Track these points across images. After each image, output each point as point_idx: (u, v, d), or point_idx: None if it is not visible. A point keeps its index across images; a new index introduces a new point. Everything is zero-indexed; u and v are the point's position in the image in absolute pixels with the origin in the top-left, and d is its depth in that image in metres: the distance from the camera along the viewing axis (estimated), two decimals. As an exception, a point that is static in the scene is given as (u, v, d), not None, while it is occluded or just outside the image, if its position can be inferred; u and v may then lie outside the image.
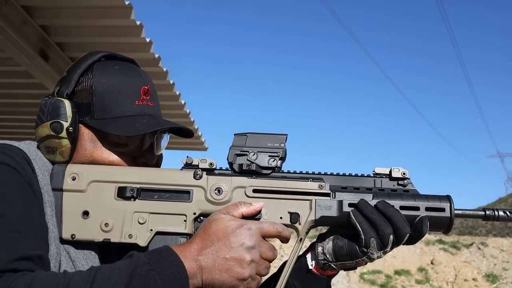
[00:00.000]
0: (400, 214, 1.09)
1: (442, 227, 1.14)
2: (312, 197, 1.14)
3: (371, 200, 1.13)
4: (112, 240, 1.12)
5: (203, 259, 0.99)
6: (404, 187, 1.17)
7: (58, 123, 1.16)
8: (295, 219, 1.13)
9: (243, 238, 1.02)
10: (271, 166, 1.16)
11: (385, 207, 1.10)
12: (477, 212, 1.17)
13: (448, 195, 1.15)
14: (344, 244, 1.12)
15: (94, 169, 1.16)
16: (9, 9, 3.27)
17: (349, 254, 1.11)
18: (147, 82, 1.26)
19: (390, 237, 1.07)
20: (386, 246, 1.07)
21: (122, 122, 1.19)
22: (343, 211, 1.13)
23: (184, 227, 1.13)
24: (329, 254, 1.13)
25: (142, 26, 3.63)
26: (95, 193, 1.14)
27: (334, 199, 1.14)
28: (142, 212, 1.13)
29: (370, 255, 1.08)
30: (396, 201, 1.13)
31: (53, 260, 1.04)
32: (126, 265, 0.94)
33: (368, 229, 1.08)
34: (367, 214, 1.09)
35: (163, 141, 1.31)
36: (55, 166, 1.17)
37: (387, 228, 1.07)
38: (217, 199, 1.14)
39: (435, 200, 1.14)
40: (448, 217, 1.13)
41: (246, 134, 1.19)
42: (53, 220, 1.09)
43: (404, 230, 1.07)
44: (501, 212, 1.16)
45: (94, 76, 1.21)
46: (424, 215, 1.11)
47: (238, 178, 1.16)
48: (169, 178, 1.15)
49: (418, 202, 1.13)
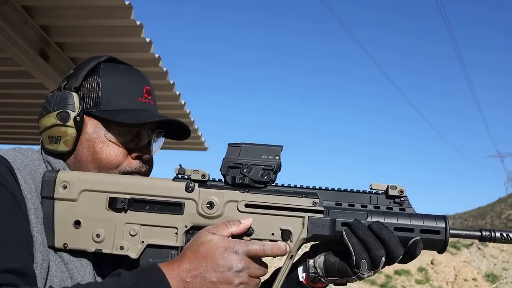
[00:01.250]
0: (394, 236, 1.07)
1: (436, 248, 1.12)
2: (305, 214, 1.12)
3: (365, 219, 1.11)
4: (104, 251, 1.12)
5: (191, 282, 0.99)
6: (401, 205, 1.14)
7: (65, 113, 1.20)
8: (286, 236, 1.12)
9: (231, 261, 1.01)
10: (265, 181, 1.14)
11: (379, 228, 1.08)
12: (473, 233, 1.15)
13: (444, 216, 1.13)
14: (336, 261, 1.11)
15: (85, 177, 1.16)
16: (9, 9, 3.27)
17: (339, 272, 1.11)
18: (149, 84, 1.33)
19: (382, 259, 1.06)
20: (377, 267, 1.07)
21: (128, 113, 1.23)
22: (335, 230, 1.10)
23: (175, 240, 1.12)
24: (320, 269, 1.13)
25: (142, 26, 3.63)
26: (86, 202, 1.14)
27: (327, 217, 1.12)
28: (134, 224, 1.13)
29: (360, 274, 1.08)
30: (391, 221, 1.11)
31: (39, 268, 1.04)
32: (113, 285, 0.95)
33: (360, 251, 1.06)
34: (360, 235, 1.07)
35: (157, 144, 1.34)
36: (46, 173, 1.16)
37: (379, 250, 1.06)
38: (208, 213, 1.12)
39: (431, 220, 1.11)
40: (443, 239, 1.11)
41: (240, 145, 1.16)
42: (37, 228, 1.08)
43: (397, 253, 1.07)
44: (498, 234, 1.13)
45: (102, 73, 1.26)
46: (418, 237, 1.09)
47: (231, 192, 1.14)
48: (161, 190, 1.14)
49: (413, 223, 1.11)
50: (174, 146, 6.83)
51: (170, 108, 5.30)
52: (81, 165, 1.21)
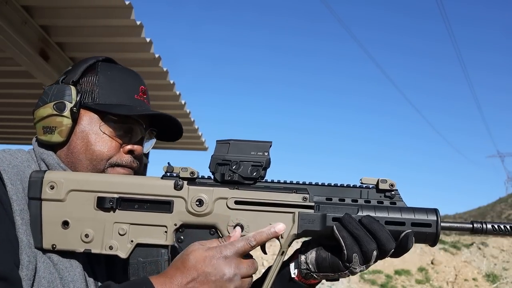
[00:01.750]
0: (385, 229, 1.07)
1: (428, 241, 1.12)
2: (296, 210, 1.12)
3: (356, 213, 1.10)
4: (93, 251, 1.11)
5: None
6: (391, 199, 1.14)
7: (62, 103, 1.21)
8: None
9: (222, 269, 1.00)
10: (254, 177, 1.13)
11: (370, 222, 1.08)
12: (465, 225, 1.14)
13: (435, 209, 1.12)
14: (327, 256, 1.10)
15: (73, 177, 1.15)
16: (9, 9, 3.27)
17: (331, 267, 1.10)
18: (145, 84, 1.36)
19: (374, 253, 1.06)
20: (369, 261, 1.06)
21: (123, 107, 1.25)
22: (326, 225, 1.10)
23: (165, 239, 1.11)
24: (312, 265, 1.12)
25: (142, 26, 3.63)
26: (74, 202, 1.12)
27: (318, 213, 1.11)
28: (122, 223, 1.11)
29: (352, 269, 1.08)
30: (382, 214, 1.10)
31: (25, 269, 1.03)
32: None
33: (351, 245, 1.06)
34: (351, 229, 1.07)
35: (149, 143, 1.37)
36: (33, 174, 1.15)
37: (370, 244, 1.05)
38: (198, 210, 1.12)
39: (422, 214, 1.11)
40: (434, 232, 1.10)
41: (228, 141, 1.15)
42: (23, 229, 1.07)
43: (388, 246, 1.06)
44: (489, 225, 1.13)
45: (100, 69, 1.29)
46: (410, 230, 1.09)
47: (220, 189, 1.13)
48: (150, 188, 1.13)
49: (404, 217, 1.10)
50: (174, 146, 6.84)
51: (170, 108, 5.30)
52: (74, 156, 1.21)
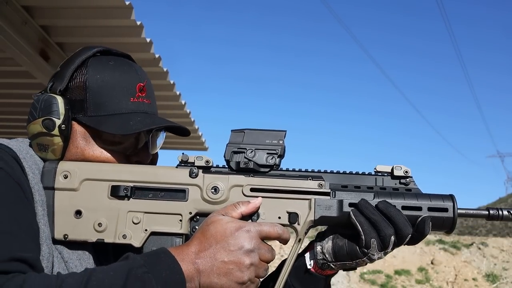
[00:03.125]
0: (402, 214, 1.06)
1: (444, 227, 1.11)
2: (312, 197, 1.11)
3: (372, 199, 1.10)
4: (106, 240, 1.09)
5: (201, 262, 0.97)
6: (406, 186, 1.14)
7: (50, 120, 1.13)
8: (294, 219, 1.11)
9: (242, 241, 0.99)
10: (269, 164, 1.13)
11: (387, 207, 1.07)
12: (481, 212, 1.14)
13: (451, 195, 1.12)
14: (344, 244, 1.09)
15: (87, 167, 1.13)
16: (9, 9, 3.27)
17: (349, 254, 1.08)
18: (143, 79, 1.23)
19: (392, 238, 1.04)
20: (387, 247, 1.05)
21: (117, 119, 1.15)
22: (343, 211, 1.09)
23: (179, 227, 1.10)
24: (328, 254, 1.11)
25: (142, 26, 3.64)
26: (87, 191, 1.11)
27: (334, 199, 1.11)
28: (137, 212, 1.10)
29: (370, 255, 1.06)
30: (398, 200, 1.10)
31: (45, 261, 1.02)
32: (121, 267, 0.92)
33: (369, 230, 1.05)
34: (367, 214, 1.06)
35: (159, 140, 1.29)
36: (46, 164, 1.13)
37: (388, 229, 1.04)
38: (213, 198, 1.11)
39: (438, 199, 1.11)
40: (451, 217, 1.10)
41: (243, 130, 1.15)
42: (44, 220, 1.05)
43: (406, 231, 1.05)
44: (505, 212, 1.13)
45: (88, 72, 1.17)
46: (427, 215, 1.08)
47: (235, 177, 1.13)
48: (164, 176, 1.12)
49: (421, 202, 1.10)
50: (174, 146, 6.84)
51: (170, 108, 5.30)
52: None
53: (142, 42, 3.81)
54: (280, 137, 1.14)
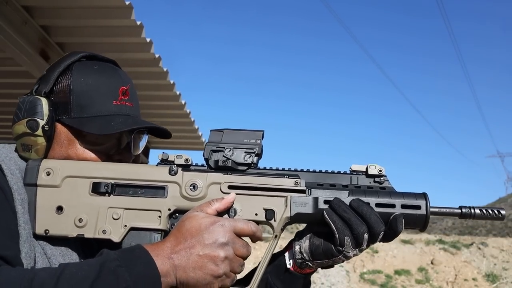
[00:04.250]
0: (374, 212, 1.08)
1: (417, 225, 1.13)
2: (288, 194, 1.14)
3: (347, 197, 1.12)
4: (86, 235, 1.11)
5: (176, 257, 0.98)
6: (381, 184, 1.16)
7: (34, 121, 1.17)
8: (270, 215, 1.13)
9: (216, 234, 1.01)
10: (247, 163, 1.16)
11: (359, 205, 1.09)
12: (454, 210, 1.16)
13: (424, 193, 1.14)
14: (320, 243, 1.11)
15: (69, 164, 1.16)
16: (9, 9, 3.28)
17: (325, 253, 1.11)
18: (126, 83, 1.27)
19: (365, 236, 1.06)
20: (361, 244, 1.07)
21: (99, 121, 1.19)
22: (318, 208, 1.12)
23: (158, 223, 1.12)
24: (306, 253, 1.13)
25: (142, 26, 3.64)
26: (69, 188, 1.14)
27: (309, 196, 1.13)
28: (117, 208, 1.12)
29: (345, 253, 1.08)
30: (372, 198, 1.12)
31: (27, 258, 1.03)
32: (95, 261, 0.93)
33: (342, 228, 1.07)
34: (340, 213, 1.08)
35: (141, 142, 1.32)
36: (30, 162, 1.16)
37: (361, 226, 1.06)
38: (192, 195, 1.13)
39: (411, 197, 1.13)
40: (424, 214, 1.12)
41: (222, 130, 1.18)
42: (24, 218, 1.07)
43: (378, 228, 1.07)
44: (478, 210, 1.15)
45: (73, 75, 1.21)
46: (399, 212, 1.10)
47: (214, 174, 1.15)
48: (144, 174, 1.15)
49: (394, 200, 1.12)
50: (174, 146, 6.85)
51: (170, 108, 5.31)
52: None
53: (142, 42, 3.81)
54: (258, 136, 1.18)
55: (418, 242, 12.08)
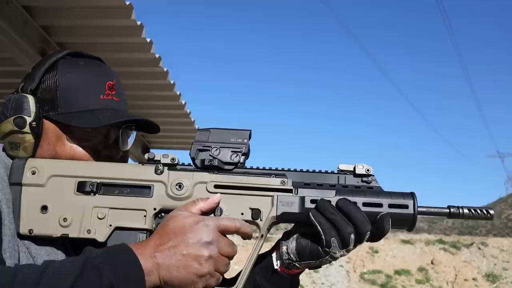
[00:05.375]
0: (360, 211, 1.07)
1: (405, 224, 1.12)
2: (274, 193, 1.13)
3: (334, 196, 1.11)
4: (70, 235, 1.10)
5: (160, 256, 0.97)
6: (368, 184, 1.15)
7: (21, 118, 1.16)
8: (256, 215, 1.12)
9: (200, 234, 1.00)
10: (234, 162, 1.15)
11: (346, 205, 1.08)
12: (442, 210, 1.15)
13: (412, 192, 1.13)
14: (307, 244, 1.10)
15: (55, 164, 1.15)
16: (10, 9, 3.28)
17: (312, 254, 1.10)
18: (113, 78, 1.26)
19: (351, 236, 1.05)
20: (347, 245, 1.06)
21: (86, 115, 1.18)
22: (305, 208, 1.11)
23: (144, 223, 1.11)
24: (293, 254, 1.12)
25: (142, 26, 3.64)
26: (54, 187, 1.12)
27: (296, 196, 1.12)
28: (102, 207, 1.11)
29: (332, 254, 1.07)
30: (359, 198, 1.11)
31: (11, 258, 1.02)
32: (78, 258, 0.93)
33: (329, 229, 1.06)
34: (327, 214, 1.07)
35: (130, 138, 1.31)
36: (15, 161, 1.15)
37: (347, 227, 1.05)
38: (178, 194, 1.12)
39: (398, 197, 1.12)
40: (411, 214, 1.11)
41: (209, 129, 1.18)
42: (9, 217, 1.06)
43: (364, 228, 1.06)
44: (466, 210, 1.14)
45: (59, 71, 1.21)
46: (386, 212, 1.10)
47: (200, 174, 1.14)
48: (130, 173, 1.14)
49: (381, 199, 1.11)
50: (174, 146, 6.85)
51: (170, 108, 5.31)
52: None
53: (142, 42, 3.81)
54: (245, 136, 1.17)
55: (418, 242, 12.09)
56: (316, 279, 10.79)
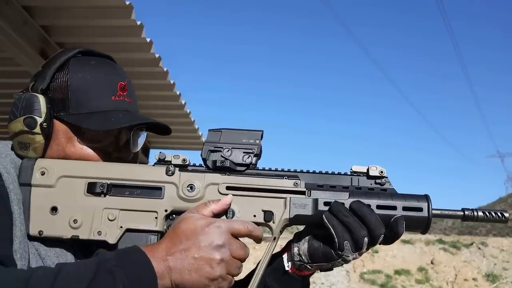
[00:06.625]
0: (374, 214, 1.06)
1: (419, 227, 1.11)
2: (287, 195, 1.11)
3: (347, 198, 1.10)
4: (80, 237, 1.08)
5: (171, 259, 0.96)
6: (382, 186, 1.14)
7: (31, 119, 1.14)
8: (269, 217, 1.11)
9: (212, 236, 0.98)
10: (246, 163, 1.14)
11: (359, 207, 1.06)
12: (456, 213, 1.14)
13: (426, 195, 1.12)
14: (319, 246, 1.09)
15: (64, 164, 1.14)
16: (10, 9, 3.28)
17: (324, 256, 1.08)
18: (124, 78, 1.24)
19: (365, 239, 1.04)
20: (360, 248, 1.04)
21: (98, 117, 1.16)
22: (318, 210, 1.10)
23: (155, 225, 1.10)
24: (305, 256, 1.10)
25: (142, 26, 3.64)
26: (64, 188, 1.11)
27: (309, 198, 1.11)
28: (112, 209, 1.10)
29: (345, 257, 1.06)
30: (373, 200, 1.09)
31: (22, 259, 1.01)
32: (91, 261, 0.92)
33: (342, 232, 1.04)
34: (340, 217, 1.05)
35: (140, 139, 1.29)
36: (24, 161, 1.13)
37: (361, 230, 1.04)
38: (189, 196, 1.11)
39: (413, 199, 1.11)
40: (426, 217, 1.09)
41: (220, 130, 1.16)
42: (20, 218, 1.05)
43: (378, 231, 1.04)
44: (481, 213, 1.13)
45: (70, 71, 1.18)
46: (400, 215, 1.08)
47: (211, 175, 1.13)
48: (141, 174, 1.13)
49: (395, 202, 1.10)
50: (174, 146, 6.85)
51: (170, 108, 5.31)
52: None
53: (142, 42, 3.81)
54: (257, 136, 1.15)
55: (418, 242, 12.08)
56: (316, 279, 10.79)
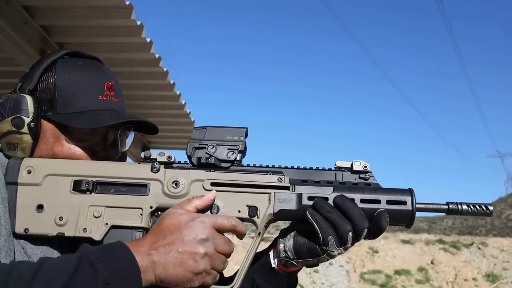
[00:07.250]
0: (357, 208, 1.07)
1: (403, 221, 1.11)
2: (271, 191, 1.12)
3: (331, 193, 1.10)
4: (66, 234, 1.09)
5: (155, 254, 0.96)
6: (366, 180, 1.15)
7: (19, 119, 1.15)
8: (253, 212, 1.12)
9: (196, 231, 0.99)
10: (230, 159, 1.15)
11: (343, 202, 1.07)
12: (440, 206, 1.14)
13: (410, 189, 1.13)
14: (305, 242, 1.09)
15: (50, 163, 1.15)
16: (9, 9, 3.28)
17: (309, 252, 1.09)
18: (111, 78, 1.26)
19: (349, 234, 1.05)
20: (345, 243, 1.05)
21: (85, 116, 1.17)
22: (302, 204, 1.10)
23: (140, 221, 1.11)
24: (290, 252, 1.11)
25: (142, 26, 3.64)
26: (50, 186, 1.12)
27: (293, 193, 1.12)
28: (98, 206, 1.11)
29: (330, 252, 1.07)
30: (356, 194, 1.10)
31: (7, 257, 1.02)
32: (74, 255, 0.92)
33: (326, 228, 1.05)
34: (323, 212, 1.06)
35: (128, 139, 1.30)
36: (11, 160, 1.15)
37: (344, 225, 1.05)
38: (174, 192, 1.12)
39: (396, 193, 1.11)
40: (410, 210, 1.10)
41: (205, 127, 1.18)
42: (5, 217, 1.06)
43: (361, 225, 1.05)
44: (465, 206, 1.13)
45: (57, 72, 1.20)
46: (384, 209, 1.09)
47: (196, 171, 1.14)
48: (126, 172, 1.14)
49: (379, 195, 1.10)
50: (174, 146, 6.85)
51: (170, 108, 5.31)
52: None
53: (142, 42, 3.81)
54: (241, 133, 1.17)
55: (418, 242, 12.09)
56: (316, 279, 10.80)
